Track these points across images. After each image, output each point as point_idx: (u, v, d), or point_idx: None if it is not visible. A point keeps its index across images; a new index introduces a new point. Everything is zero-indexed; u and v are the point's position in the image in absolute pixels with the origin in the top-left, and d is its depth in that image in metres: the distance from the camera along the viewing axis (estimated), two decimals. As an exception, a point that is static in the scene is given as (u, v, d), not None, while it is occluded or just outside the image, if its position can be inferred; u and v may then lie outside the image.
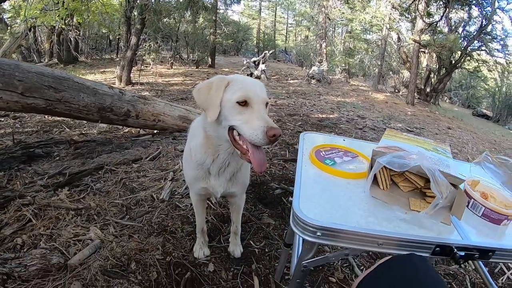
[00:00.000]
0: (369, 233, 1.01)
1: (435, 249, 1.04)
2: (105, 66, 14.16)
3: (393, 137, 1.54)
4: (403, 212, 1.16)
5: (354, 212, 1.12)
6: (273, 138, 1.33)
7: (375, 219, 1.10)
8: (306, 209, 1.05)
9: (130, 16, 10.04)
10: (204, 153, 1.65)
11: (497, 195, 1.32)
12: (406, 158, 1.19)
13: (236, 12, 36.90)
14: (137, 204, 2.76)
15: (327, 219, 1.04)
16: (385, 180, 1.28)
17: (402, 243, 1.03)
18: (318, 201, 1.13)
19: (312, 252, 1.12)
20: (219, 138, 1.54)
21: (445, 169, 1.19)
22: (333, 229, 1.00)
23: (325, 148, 1.57)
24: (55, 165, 3.38)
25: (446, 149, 1.53)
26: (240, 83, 1.47)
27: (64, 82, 3.58)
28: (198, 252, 2.21)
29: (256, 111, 1.41)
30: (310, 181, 1.26)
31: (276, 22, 37.71)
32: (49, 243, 2.17)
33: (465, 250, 1.03)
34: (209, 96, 1.46)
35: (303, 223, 1.01)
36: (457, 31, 14.47)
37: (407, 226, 1.09)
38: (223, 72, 14.74)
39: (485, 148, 8.03)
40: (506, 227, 1.21)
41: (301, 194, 1.14)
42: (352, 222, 1.05)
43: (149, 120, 4.32)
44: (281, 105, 8.32)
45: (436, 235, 1.07)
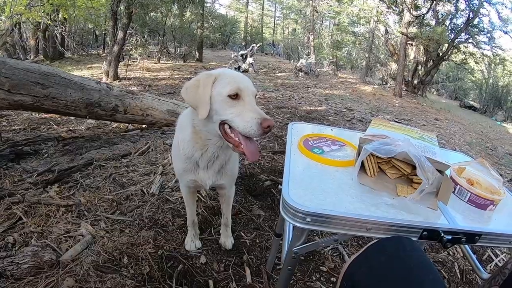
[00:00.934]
0: (358, 218, 1.03)
1: (422, 233, 1.05)
2: (91, 61, 14.01)
3: (380, 125, 1.55)
4: (391, 198, 1.18)
5: (342, 198, 1.13)
6: (267, 129, 1.36)
7: (363, 204, 1.11)
8: (296, 196, 1.06)
9: (117, 10, 9.93)
10: (193, 147, 1.66)
11: (483, 181, 1.34)
12: (393, 145, 1.21)
13: (223, 6, 36.73)
14: (128, 198, 2.75)
15: (316, 205, 1.04)
16: (372, 168, 1.30)
17: (391, 227, 1.05)
18: (307, 188, 1.14)
19: (302, 238, 1.13)
20: (209, 133, 1.55)
21: (431, 156, 1.22)
22: (322, 214, 1.01)
23: (313, 137, 1.58)
24: (44, 162, 3.36)
25: (432, 137, 1.54)
26: (229, 77, 1.48)
27: (51, 78, 3.55)
28: (189, 244, 2.22)
29: (248, 103, 1.43)
30: (299, 169, 1.27)
31: (264, 15, 37.52)
32: (40, 240, 2.16)
33: (452, 234, 1.05)
34: (198, 94, 1.46)
35: (293, 209, 1.01)
36: (444, 24, 14.59)
37: (395, 211, 1.10)
38: (211, 66, 14.67)
39: (472, 139, 8.14)
40: (492, 212, 1.23)
41: (290, 181, 1.15)
42: (341, 208, 1.06)
43: (137, 114, 4.30)
44: (269, 98, 8.33)
45: (423, 219, 1.09)
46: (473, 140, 8.06)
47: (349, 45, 18.52)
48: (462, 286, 2.30)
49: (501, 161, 6.62)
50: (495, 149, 7.69)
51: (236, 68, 13.30)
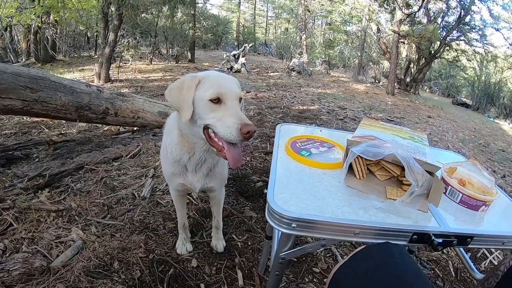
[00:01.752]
0: (345, 223, 1.01)
1: (412, 237, 1.04)
2: (83, 64, 13.93)
3: (369, 126, 1.54)
4: (380, 200, 1.16)
5: (329, 202, 1.11)
6: (247, 135, 1.33)
7: (351, 208, 1.09)
8: (281, 201, 1.04)
9: (108, 12, 9.89)
10: (180, 151, 1.65)
11: (475, 181, 1.33)
12: (381, 147, 1.19)
13: (215, 6, 36.66)
14: (119, 202, 2.74)
15: (302, 210, 1.03)
16: (361, 170, 1.28)
17: (379, 232, 1.03)
18: (293, 193, 1.12)
19: (289, 243, 1.11)
20: (194, 136, 1.54)
21: (421, 157, 1.21)
22: (308, 220, 0.99)
23: (301, 139, 1.56)
24: (35, 167, 3.33)
25: (423, 137, 1.54)
26: (211, 80, 1.46)
27: (40, 81, 3.53)
28: (180, 248, 2.21)
29: (229, 108, 1.40)
30: (285, 172, 1.26)
31: (256, 15, 37.51)
32: (31, 247, 2.14)
33: (443, 237, 1.04)
34: (181, 96, 1.45)
35: (277, 215, 1.00)
36: (436, 22, 14.64)
37: (384, 214, 1.09)
38: (204, 66, 14.67)
39: (465, 136, 8.17)
40: (484, 213, 1.22)
41: (276, 186, 1.13)
42: (328, 213, 1.04)
43: (129, 117, 4.28)
44: (262, 98, 8.32)
45: (413, 223, 1.07)
46: (466, 137, 8.08)
47: (341, 44, 18.56)
48: (457, 285, 2.30)
49: (494, 157, 6.66)
50: (488, 146, 7.73)
51: (228, 68, 13.29)
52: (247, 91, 9.10)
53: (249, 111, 6.48)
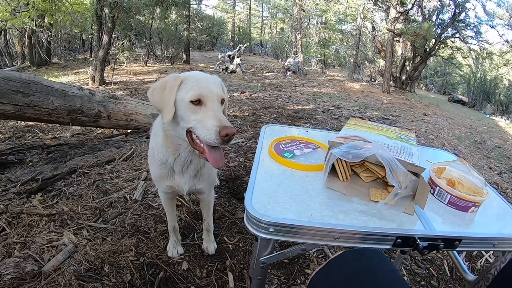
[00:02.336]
0: (324, 227, 0.99)
1: (396, 241, 1.01)
2: (78, 66, 13.89)
3: (355, 126, 1.53)
4: (363, 203, 1.14)
5: (309, 205, 1.08)
6: (226, 137, 1.32)
7: (331, 212, 1.07)
8: (259, 205, 1.03)
9: (101, 15, 9.88)
10: (166, 152, 1.64)
11: (465, 181, 1.30)
12: (362, 148, 1.16)
13: (210, 7, 36.60)
14: (110, 206, 2.74)
15: (280, 214, 1.01)
16: (344, 172, 1.24)
17: (360, 236, 1.00)
18: (272, 196, 1.10)
19: (269, 248, 1.09)
20: (178, 137, 1.53)
21: (407, 157, 1.18)
22: (285, 224, 0.97)
23: (286, 140, 1.55)
24: (28, 171, 3.34)
25: (410, 136, 1.51)
26: (193, 81, 1.45)
27: (32, 86, 3.52)
28: (171, 251, 2.21)
29: (210, 110, 1.39)
30: (266, 175, 1.24)
31: (251, 16, 37.48)
32: (23, 251, 2.15)
33: (429, 240, 1.02)
34: (163, 97, 1.44)
35: (255, 219, 0.98)
36: (431, 19, 14.66)
37: (366, 218, 1.06)
38: (198, 67, 14.66)
39: (461, 133, 8.18)
40: (475, 214, 1.19)
41: (255, 189, 1.11)
42: (306, 217, 1.02)
43: (121, 120, 4.28)
44: (256, 98, 8.33)
45: (397, 226, 1.05)
46: (462, 134, 8.10)
47: (336, 43, 18.58)
48: (452, 284, 2.30)
49: (490, 154, 6.67)
50: (484, 142, 7.75)
51: (223, 69, 13.31)
52: (242, 91, 9.10)
53: (243, 112, 6.48)
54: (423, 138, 6.22)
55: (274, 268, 2.21)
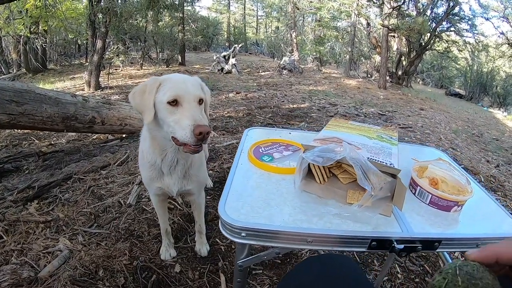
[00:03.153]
0: (295, 231, 0.98)
1: (371, 244, 0.99)
2: (74, 72, 13.92)
3: (336, 127, 1.51)
4: (339, 206, 1.12)
5: (283, 209, 1.08)
6: (200, 136, 1.34)
7: (305, 215, 1.06)
8: (232, 210, 1.03)
9: (95, 20, 9.89)
10: (153, 153, 1.67)
11: (450, 180, 1.25)
12: (333, 151, 1.12)
13: (203, 7, 36.49)
14: (105, 211, 2.76)
15: (252, 219, 1.01)
16: (321, 174, 1.20)
17: (333, 239, 0.99)
18: (246, 201, 1.10)
19: (245, 252, 1.10)
20: (164, 138, 1.56)
21: (385, 158, 1.17)
22: (256, 229, 0.97)
23: (266, 143, 1.54)
24: (24, 179, 3.36)
25: (392, 135, 1.49)
26: (170, 83, 1.47)
27: (25, 94, 3.55)
28: (164, 254, 2.23)
29: (186, 110, 1.42)
30: (242, 180, 1.23)
31: (246, 15, 37.42)
32: (20, 258, 2.17)
33: (406, 243, 1.00)
34: (143, 99, 1.47)
35: (228, 224, 0.98)
36: (425, 14, 14.69)
37: (340, 221, 1.05)
38: (194, 69, 14.68)
39: (458, 127, 8.20)
40: (458, 214, 1.17)
41: (230, 194, 1.12)
42: (278, 221, 1.01)
43: (116, 125, 4.31)
44: (252, 98, 8.36)
45: (372, 229, 1.03)
46: (459, 128, 8.11)
47: (331, 40, 18.61)
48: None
49: (488, 147, 6.70)
50: (482, 135, 7.78)
51: (219, 69, 13.34)
52: (237, 91, 9.13)
53: (238, 112, 6.51)
54: (419, 133, 6.22)
55: (266, 268, 2.23)
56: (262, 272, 2.19)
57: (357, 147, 1.24)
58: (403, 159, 1.36)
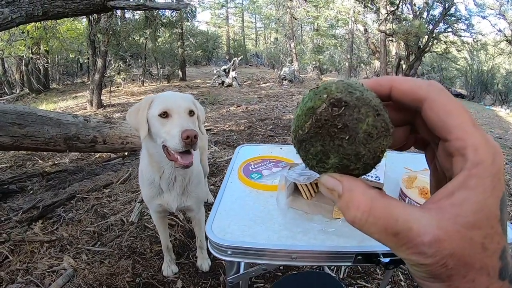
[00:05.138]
0: (279, 249, 0.99)
1: (356, 258, 0.99)
2: (76, 90, 14.02)
3: None
4: (324, 221, 1.12)
5: (268, 227, 1.09)
6: (187, 140, 1.41)
7: (290, 232, 1.07)
8: (218, 229, 1.05)
9: (94, 39, 9.99)
10: (151, 171, 1.73)
11: None
12: None
13: (201, 22, 36.55)
14: (108, 229, 2.81)
15: (238, 237, 1.02)
16: (308, 190, 1.21)
17: (318, 255, 1.01)
18: (233, 219, 1.12)
19: (234, 268, 1.13)
20: (159, 154, 1.61)
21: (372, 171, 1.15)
22: (241, 247, 0.99)
23: (256, 160, 1.55)
24: (29, 199, 3.41)
25: None
26: (161, 98, 1.56)
27: (27, 117, 3.61)
28: (166, 270, 2.27)
29: (175, 120, 1.49)
30: (231, 198, 1.25)
31: (245, 27, 37.59)
32: (25, 277, 2.23)
33: (393, 255, 0.98)
34: (138, 117, 1.56)
35: (215, 243, 1.01)
36: (422, 17, 14.74)
37: (324, 236, 1.05)
38: (195, 84, 14.74)
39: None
40: None
41: (218, 213, 1.14)
42: (262, 238, 1.03)
43: (117, 143, 4.35)
44: (253, 111, 8.39)
45: (357, 243, 1.02)
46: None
47: (330, 48, 18.68)
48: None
49: (491, 146, 6.66)
50: (485, 135, 7.73)
51: (220, 83, 13.39)
52: (238, 105, 9.16)
53: (239, 126, 6.54)
54: (419, 138, 6.21)
55: (268, 281, 2.26)
56: (263, 285, 2.22)
57: None
58: (395, 168, 1.38)
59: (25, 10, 3.78)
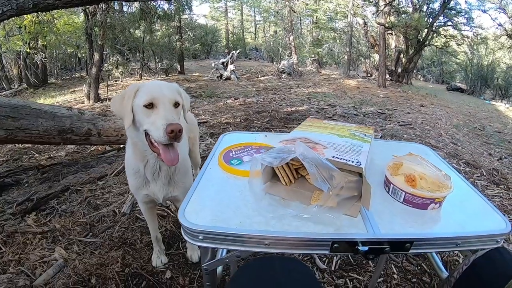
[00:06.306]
0: (251, 234, 0.97)
1: (333, 246, 0.97)
2: (75, 85, 14.00)
3: (307, 127, 1.50)
4: (302, 208, 1.09)
5: (242, 212, 1.07)
6: (172, 134, 1.39)
7: (264, 218, 1.04)
8: (191, 214, 1.04)
9: (91, 33, 9.97)
10: (136, 161, 1.72)
11: (429, 175, 1.18)
12: (286, 152, 1.09)
13: (199, 16, 36.39)
14: (100, 220, 2.82)
15: (209, 222, 1.00)
16: (286, 176, 1.20)
17: (291, 242, 0.98)
18: (207, 204, 1.11)
19: (208, 255, 1.10)
20: (143, 143, 1.60)
21: (353, 156, 1.11)
22: (212, 232, 0.97)
23: (238, 147, 1.56)
24: (24, 192, 3.42)
25: (366, 132, 1.44)
26: (146, 88, 1.53)
27: (21, 110, 3.60)
28: (155, 261, 2.27)
29: (160, 111, 1.47)
30: (208, 183, 1.24)
31: (244, 21, 37.40)
32: (16, 268, 2.25)
33: (372, 244, 0.96)
34: (122, 105, 1.53)
35: (187, 228, 0.99)
36: (422, 10, 14.67)
37: (300, 223, 1.02)
38: (193, 77, 14.73)
39: (459, 121, 8.18)
40: (436, 211, 1.13)
41: (193, 198, 1.13)
42: (235, 224, 1.01)
43: (112, 136, 4.34)
44: (250, 104, 8.37)
45: (334, 230, 1.00)
46: (460, 122, 8.08)
47: (329, 42, 18.63)
48: (446, 280, 2.31)
49: (490, 140, 6.66)
50: (484, 129, 7.74)
51: (218, 76, 13.38)
52: (235, 98, 9.16)
53: (236, 118, 6.54)
54: (419, 130, 6.22)
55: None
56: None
57: (324, 146, 1.21)
58: (384, 156, 1.37)
59: (16, 3, 3.77)
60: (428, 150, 1.71)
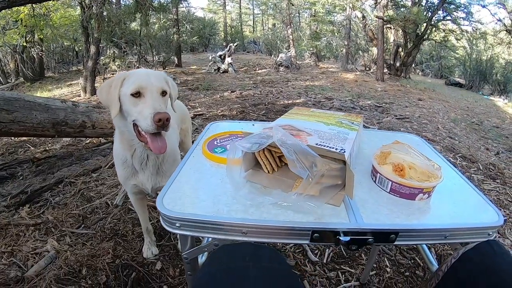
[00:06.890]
0: (228, 222, 0.95)
1: (313, 236, 0.93)
2: (72, 78, 13.98)
3: (294, 115, 1.47)
4: (283, 196, 1.04)
5: (221, 200, 1.05)
6: (159, 122, 1.40)
7: (242, 206, 1.02)
8: (169, 200, 1.02)
9: (87, 26, 9.94)
10: (123, 150, 1.72)
11: (419, 165, 1.14)
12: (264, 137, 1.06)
13: (197, 8, 36.25)
14: (93, 212, 2.83)
15: (186, 209, 0.99)
16: (269, 163, 1.17)
17: (269, 230, 0.95)
18: (185, 192, 1.08)
19: (188, 243, 1.09)
20: (130, 133, 1.59)
21: (338, 143, 1.09)
22: (189, 219, 0.95)
23: (223, 136, 1.53)
24: (18, 184, 3.44)
25: (354, 121, 1.42)
26: (133, 76, 1.52)
27: (15, 102, 3.59)
28: (146, 252, 2.28)
29: (148, 100, 1.47)
30: (190, 171, 1.23)
31: (242, 14, 37.31)
32: (9, 259, 2.26)
33: (355, 234, 0.93)
34: (109, 94, 1.52)
35: (163, 215, 0.97)
36: (421, 4, 14.62)
37: (279, 211, 0.99)
38: (191, 70, 14.70)
39: (457, 116, 8.17)
40: (425, 202, 1.09)
41: (173, 185, 1.11)
42: (212, 211, 0.98)
43: (107, 128, 4.34)
44: (247, 96, 8.37)
45: (314, 219, 0.96)
46: (458, 116, 8.06)
47: (327, 35, 18.59)
48: (439, 273, 2.31)
49: (487, 135, 6.65)
50: (482, 123, 7.72)
51: (215, 69, 13.35)
52: (232, 90, 9.15)
53: (232, 111, 6.54)
54: (416, 124, 6.22)
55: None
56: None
57: (308, 133, 1.18)
58: (374, 145, 1.33)
59: (7, -6, 3.76)
60: (419, 140, 1.67)
